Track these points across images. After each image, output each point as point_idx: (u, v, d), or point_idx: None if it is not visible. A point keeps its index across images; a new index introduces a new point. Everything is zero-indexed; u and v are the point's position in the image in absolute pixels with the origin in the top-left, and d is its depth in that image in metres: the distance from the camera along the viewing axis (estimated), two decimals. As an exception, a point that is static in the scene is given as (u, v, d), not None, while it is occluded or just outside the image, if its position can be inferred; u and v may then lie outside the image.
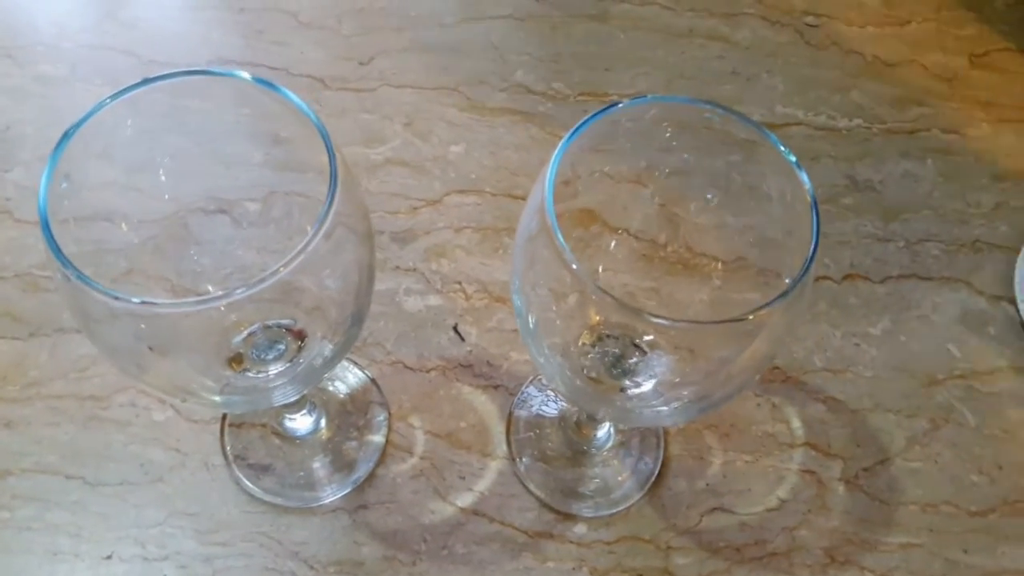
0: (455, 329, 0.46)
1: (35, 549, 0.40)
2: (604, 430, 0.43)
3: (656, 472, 0.42)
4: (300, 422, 0.43)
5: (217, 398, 0.32)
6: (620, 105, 0.28)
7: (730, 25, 0.58)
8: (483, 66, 0.55)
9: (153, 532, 0.40)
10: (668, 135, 0.32)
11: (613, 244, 0.37)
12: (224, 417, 0.43)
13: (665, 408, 0.33)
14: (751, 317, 0.24)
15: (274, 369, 0.35)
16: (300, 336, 0.35)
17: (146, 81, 0.28)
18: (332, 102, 0.53)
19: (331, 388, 0.45)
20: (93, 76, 0.54)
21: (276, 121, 0.34)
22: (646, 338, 0.35)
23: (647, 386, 0.34)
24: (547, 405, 0.44)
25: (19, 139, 0.51)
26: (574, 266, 0.25)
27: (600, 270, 0.37)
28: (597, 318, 0.33)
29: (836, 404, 0.45)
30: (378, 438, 0.43)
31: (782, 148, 0.28)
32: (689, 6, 0.58)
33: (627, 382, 0.35)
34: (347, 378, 0.45)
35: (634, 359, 0.35)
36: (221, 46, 0.55)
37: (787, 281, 0.31)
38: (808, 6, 0.59)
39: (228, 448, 0.43)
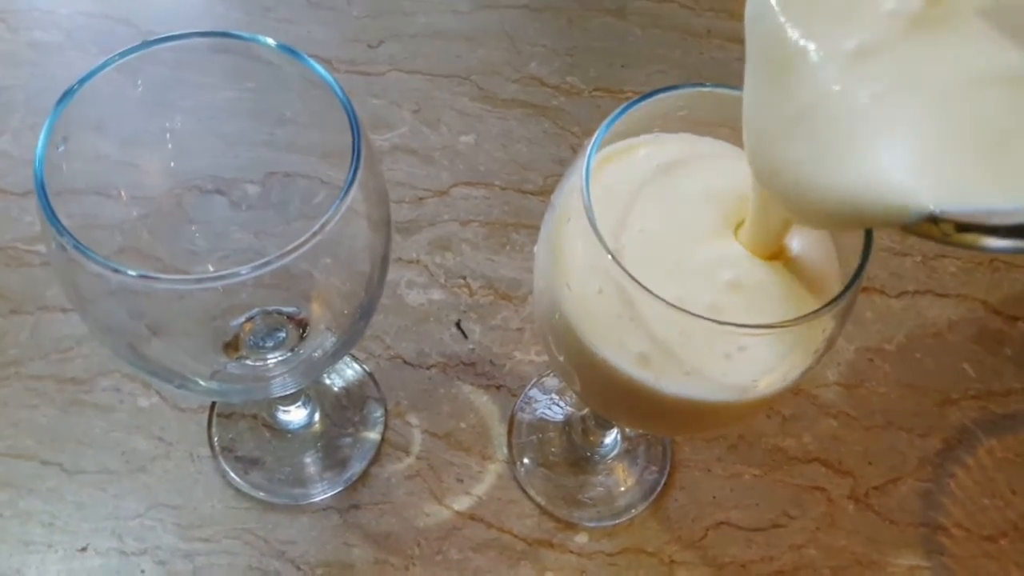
0: (458, 325, 0.44)
1: (6, 538, 0.38)
2: (612, 437, 0.41)
3: (662, 483, 0.41)
4: (294, 414, 0.41)
5: (212, 385, 0.30)
6: (677, 90, 0.26)
7: (749, 28, 0.56)
8: (496, 56, 0.53)
9: (132, 524, 0.38)
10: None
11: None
12: (212, 406, 0.41)
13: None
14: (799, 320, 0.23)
15: (272, 358, 0.33)
16: (302, 325, 0.33)
17: (159, 40, 0.26)
18: (338, 85, 0.51)
19: (326, 381, 0.43)
20: (89, 45, 0.52)
21: (282, 99, 0.32)
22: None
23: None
24: (551, 408, 0.43)
25: (9, 106, 0.49)
26: (609, 257, 0.23)
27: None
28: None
29: (848, 420, 0.43)
30: (373, 435, 0.41)
31: None
32: (708, 6, 0.57)
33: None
34: (344, 371, 0.43)
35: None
36: (224, 20, 0.53)
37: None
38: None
39: (215, 439, 0.41)
